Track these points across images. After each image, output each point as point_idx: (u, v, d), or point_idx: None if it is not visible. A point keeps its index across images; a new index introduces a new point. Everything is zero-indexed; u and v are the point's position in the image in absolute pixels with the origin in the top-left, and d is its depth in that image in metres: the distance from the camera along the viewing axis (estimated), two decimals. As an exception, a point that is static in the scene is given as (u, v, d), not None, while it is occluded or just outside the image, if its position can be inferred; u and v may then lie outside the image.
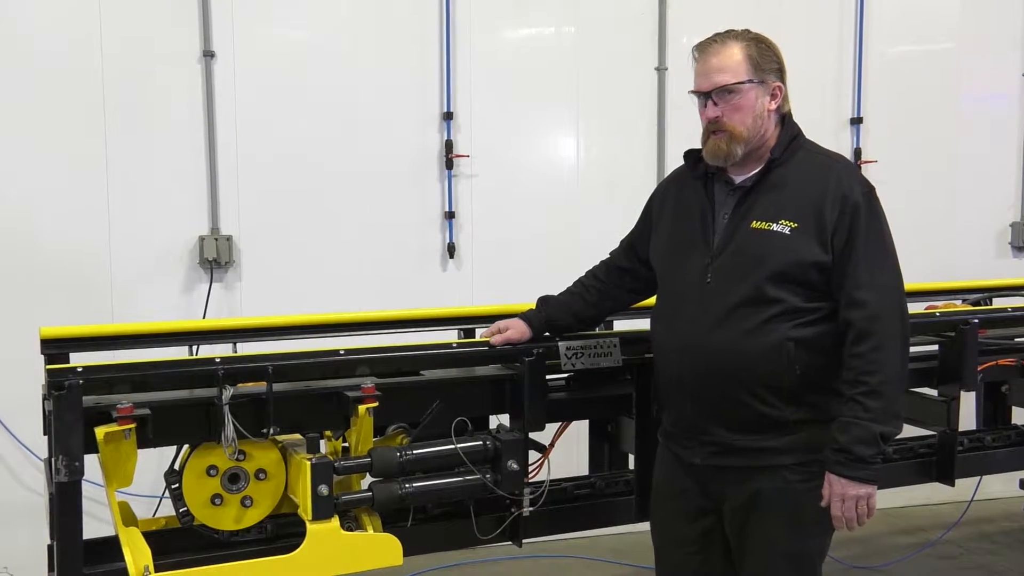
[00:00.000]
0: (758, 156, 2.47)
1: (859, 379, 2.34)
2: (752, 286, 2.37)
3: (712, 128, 2.46)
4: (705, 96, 2.46)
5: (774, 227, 2.38)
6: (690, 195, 2.56)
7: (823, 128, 5.14)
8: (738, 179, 2.48)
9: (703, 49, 2.46)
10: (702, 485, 2.55)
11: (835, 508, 2.39)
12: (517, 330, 2.80)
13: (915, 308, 3.67)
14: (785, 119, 2.51)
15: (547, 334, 2.84)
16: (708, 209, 2.49)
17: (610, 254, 2.84)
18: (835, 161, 2.47)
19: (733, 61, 2.41)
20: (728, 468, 2.49)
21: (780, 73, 2.48)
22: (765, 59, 2.44)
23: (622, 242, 2.83)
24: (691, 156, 2.58)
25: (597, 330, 3.00)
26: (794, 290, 2.37)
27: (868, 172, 5.18)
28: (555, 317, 2.81)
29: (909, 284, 3.89)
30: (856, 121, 5.18)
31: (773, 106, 2.46)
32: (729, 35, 2.46)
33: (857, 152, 5.17)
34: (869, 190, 2.42)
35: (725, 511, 2.53)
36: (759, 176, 2.45)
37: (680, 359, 2.48)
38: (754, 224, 2.40)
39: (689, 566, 2.62)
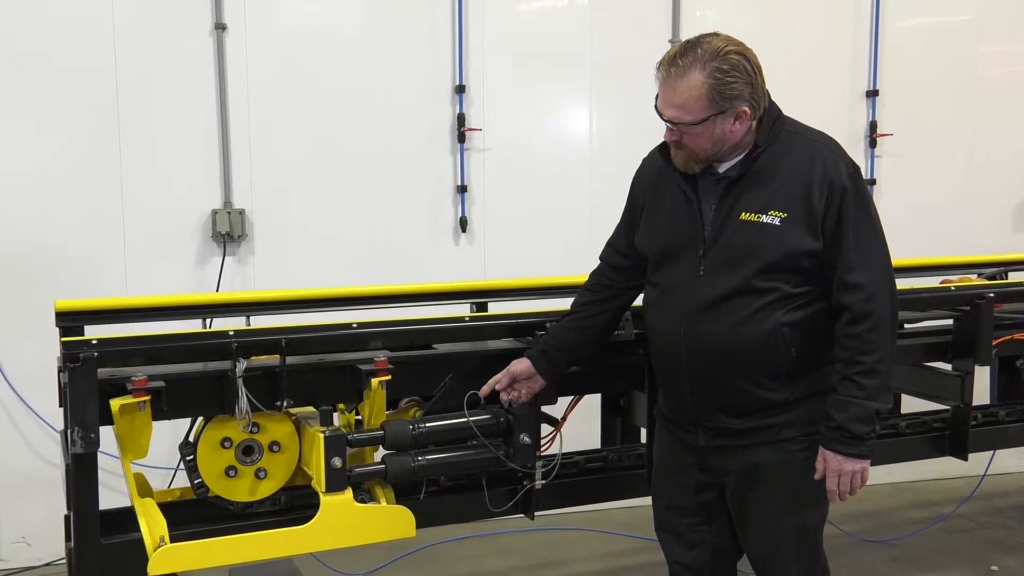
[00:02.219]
0: (740, 147, 2.42)
1: (855, 359, 2.34)
2: (744, 277, 2.37)
3: (673, 144, 2.43)
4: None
5: (764, 219, 2.36)
6: (673, 185, 2.51)
7: (837, 100, 5.10)
8: (722, 168, 2.44)
9: (664, 74, 2.34)
10: (702, 461, 2.57)
11: (831, 483, 2.41)
12: (516, 365, 2.69)
13: (930, 282, 3.67)
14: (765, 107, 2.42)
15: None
16: (694, 200, 2.46)
17: (600, 258, 2.78)
18: (819, 143, 2.42)
19: (691, 97, 2.30)
20: (729, 446, 2.51)
21: (751, 89, 2.33)
22: (729, 87, 2.30)
23: (610, 243, 2.76)
24: (665, 150, 2.50)
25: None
26: (786, 278, 2.37)
27: (883, 145, 5.15)
28: (556, 341, 2.71)
29: (924, 258, 3.91)
30: (872, 94, 5.14)
31: (738, 127, 2.36)
32: (692, 60, 2.29)
33: (872, 125, 5.13)
34: (854, 171, 2.39)
35: (727, 483, 2.55)
36: (743, 164, 2.41)
37: (676, 350, 2.48)
38: (744, 216, 2.38)
39: (693, 537, 2.65)
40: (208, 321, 2.87)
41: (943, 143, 5.26)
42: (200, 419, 2.62)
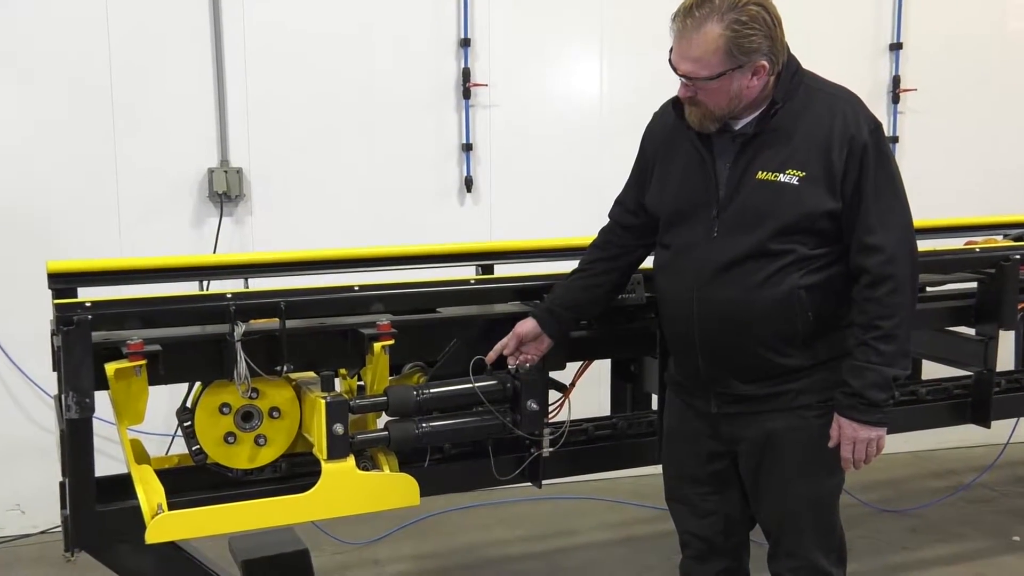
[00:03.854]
0: (757, 103, 2.40)
1: (873, 323, 2.34)
2: (760, 239, 2.36)
3: (687, 101, 2.41)
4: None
5: (781, 178, 2.35)
6: (686, 142, 2.49)
7: (860, 53, 5.06)
8: (737, 125, 2.42)
9: (679, 26, 2.32)
10: (714, 428, 2.58)
11: (845, 451, 2.42)
12: (521, 326, 2.69)
13: (954, 243, 3.66)
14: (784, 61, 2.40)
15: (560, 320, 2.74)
16: (708, 158, 2.44)
17: (609, 216, 2.77)
18: (839, 98, 2.40)
19: (707, 50, 2.27)
20: (743, 413, 2.51)
21: (770, 42, 2.31)
22: (747, 40, 2.27)
23: (619, 201, 2.75)
24: (679, 105, 2.48)
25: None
26: (803, 240, 2.36)
27: (906, 101, 5.11)
28: (562, 300, 2.70)
29: (947, 219, 3.89)
30: (895, 47, 5.09)
31: (756, 82, 2.34)
32: (709, 11, 2.27)
33: (896, 80, 5.09)
34: (876, 127, 2.37)
35: (740, 451, 2.56)
36: (760, 121, 2.39)
37: (688, 314, 2.47)
38: (760, 175, 2.37)
39: (705, 507, 2.66)
40: (205, 283, 2.88)
41: (969, 99, 5.22)
42: (198, 384, 2.63)
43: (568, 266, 2.93)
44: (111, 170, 4.23)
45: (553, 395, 2.88)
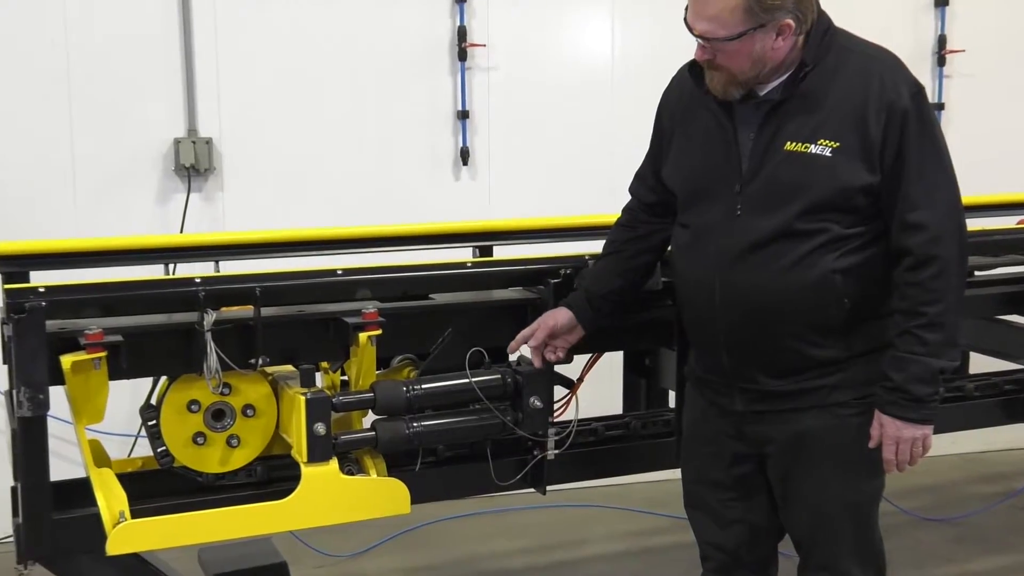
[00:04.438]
0: (784, 66, 2.39)
1: (917, 309, 2.33)
2: (789, 218, 2.35)
3: (705, 64, 2.40)
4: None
5: (812, 149, 2.34)
6: (704, 111, 2.48)
7: (900, 9, 5.04)
8: (762, 91, 2.41)
9: None
10: (739, 428, 2.58)
11: (888, 451, 2.41)
12: (551, 315, 2.69)
13: (1005, 222, 3.65)
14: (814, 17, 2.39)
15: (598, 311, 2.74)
16: (729, 128, 2.43)
17: (631, 193, 2.77)
18: (876, 59, 2.39)
19: (726, 8, 2.26)
20: (772, 411, 2.52)
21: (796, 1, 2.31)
22: None
23: (639, 176, 2.75)
24: (696, 70, 2.47)
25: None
26: (838, 218, 2.35)
27: (953, 63, 5.09)
28: (595, 285, 2.71)
29: (999, 195, 3.88)
30: (941, 3, 5.07)
31: (781, 43, 2.33)
32: None
33: (941, 40, 5.07)
34: (917, 91, 2.36)
35: (768, 454, 2.56)
36: (787, 86, 2.38)
37: (709, 302, 2.47)
38: (788, 146, 2.36)
39: (728, 515, 2.67)
40: (171, 267, 2.88)
41: (1023, 61, 5.20)
42: (163, 379, 2.63)
43: (577, 247, 2.94)
44: (66, 141, 4.23)
45: (559, 391, 2.88)
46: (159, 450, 2.59)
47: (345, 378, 2.78)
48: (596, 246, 2.83)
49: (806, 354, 2.43)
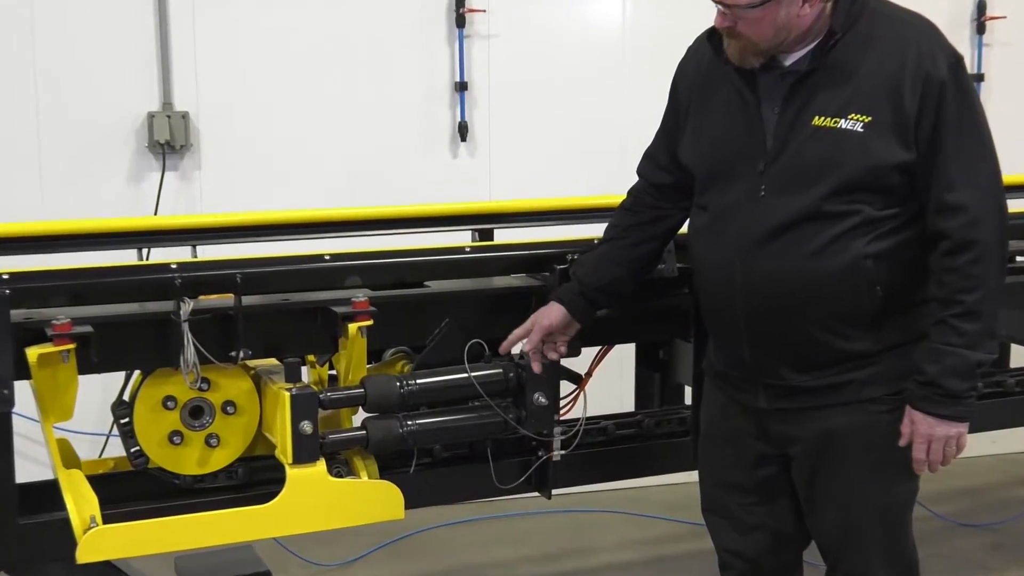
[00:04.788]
0: (810, 34, 2.39)
1: (953, 298, 2.33)
2: (817, 199, 2.35)
3: (725, 32, 2.39)
4: None
5: (842, 124, 2.34)
6: (725, 83, 2.48)
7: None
8: (787, 60, 2.41)
9: None
10: (763, 427, 2.58)
11: (919, 451, 2.41)
12: (547, 316, 2.70)
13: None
14: None
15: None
16: (752, 101, 2.43)
17: (639, 174, 2.77)
18: (911, 26, 2.39)
19: None
20: (798, 408, 2.52)
21: None
22: None
23: (649, 155, 2.75)
24: (716, 38, 2.47)
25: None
26: (869, 199, 2.35)
27: (993, 31, 5.08)
28: (593, 278, 2.71)
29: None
30: (981, -35, 5.07)
31: (808, 10, 2.33)
32: None
33: (980, 6, 5.06)
34: (956, 61, 2.35)
35: (793, 454, 2.57)
36: (815, 55, 2.38)
37: (730, 290, 2.47)
38: (816, 121, 2.36)
39: (750, 520, 2.68)
40: (145, 252, 2.88)
41: (1071, 28, 5.19)
42: (137, 373, 2.64)
43: (584, 231, 2.93)
44: (31, 115, 4.22)
45: (565, 387, 2.88)
46: (132, 450, 2.60)
47: (333, 373, 2.79)
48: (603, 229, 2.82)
49: (835, 347, 2.43)
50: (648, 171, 2.74)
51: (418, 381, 2.68)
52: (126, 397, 2.64)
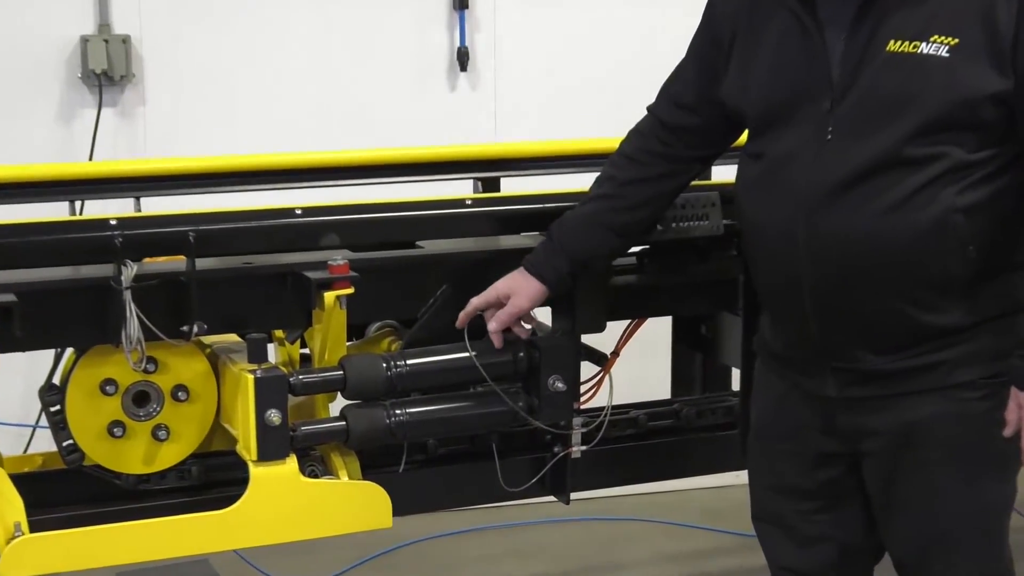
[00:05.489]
0: None
1: None
2: (896, 141, 2.35)
3: None
4: None
5: (923, 48, 2.33)
6: (779, 7, 2.48)
7: None
8: None
9: None
10: (828, 419, 2.58)
11: None
12: (524, 294, 2.71)
13: None
14: None
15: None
16: (813, 27, 2.43)
17: (652, 113, 2.76)
18: None
19: None
20: (874, 397, 2.52)
21: None
22: None
23: (669, 92, 2.75)
24: None
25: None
26: (959, 139, 2.35)
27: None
28: (582, 247, 2.72)
29: None
30: None
31: None
32: None
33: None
34: None
35: (866, 452, 2.57)
36: None
37: (790, 254, 2.46)
38: (891, 46, 2.35)
39: (810, 531, 2.68)
40: (79, 205, 2.88)
41: None
42: (70, 352, 2.65)
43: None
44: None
45: (587, 369, 2.89)
46: (65, 444, 2.61)
47: (306, 351, 2.80)
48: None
49: (919, 321, 2.43)
50: (665, 111, 2.73)
51: (409, 362, 2.68)
52: (56, 381, 2.64)
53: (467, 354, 2.70)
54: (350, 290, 2.60)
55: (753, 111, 2.56)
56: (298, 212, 2.74)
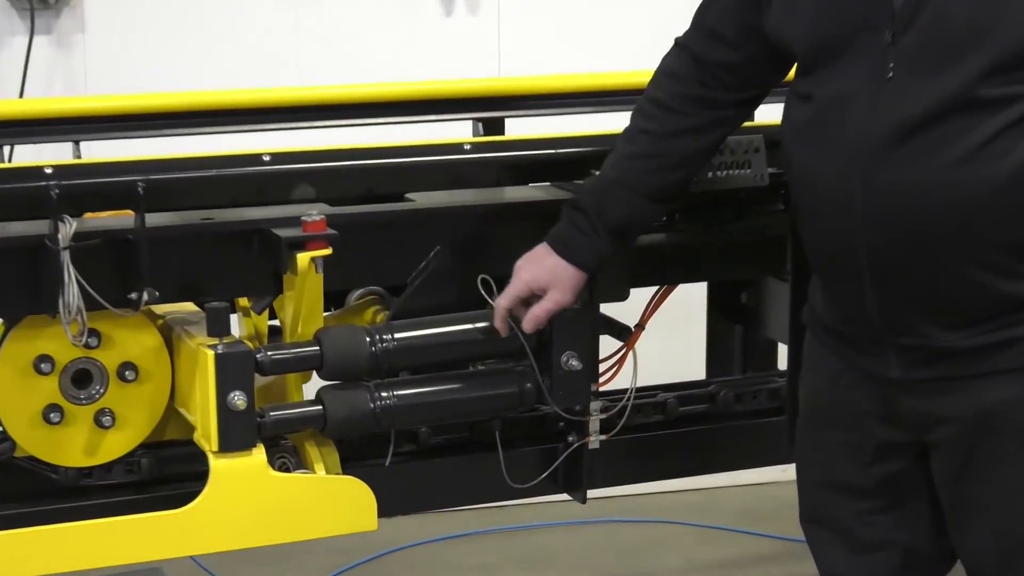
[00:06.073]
0: None
1: None
2: (969, 78, 2.33)
3: None
4: None
5: None
6: None
7: None
8: None
9: None
10: (890, 405, 2.59)
11: None
12: (565, 286, 2.69)
13: None
14: None
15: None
16: None
17: (681, 46, 2.76)
18: None
19: None
20: (945, 379, 2.52)
21: None
22: None
23: (704, 24, 2.73)
24: None
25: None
26: None
27: None
28: (621, 221, 2.71)
29: None
30: None
31: None
32: None
33: None
34: None
35: (935, 443, 2.57)
36: None
37: (847, 214, 2.46)
38: None
39: (869, 535, 2.69)
40: (7, 150, 2.88)
41: None
42: (-3, 322, 2.66)
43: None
44: None
45: (608, 345, 2.89)
46: (-8, 432, 2.62)
47: (276, 323, 2.80)
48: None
49: (997, 290, 2.43)
50: (701, 45, 2.72)
51: (397, 335, 2.69)
52: (-19, 357, 2.65)
53: (467, 326, 2.71)
54: (327, 251, 2.59)
55: (801, 45, 2.56)
56: (266, 159, 2.74)
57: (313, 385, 2.75)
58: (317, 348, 2.65)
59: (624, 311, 2.93)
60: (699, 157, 2.77)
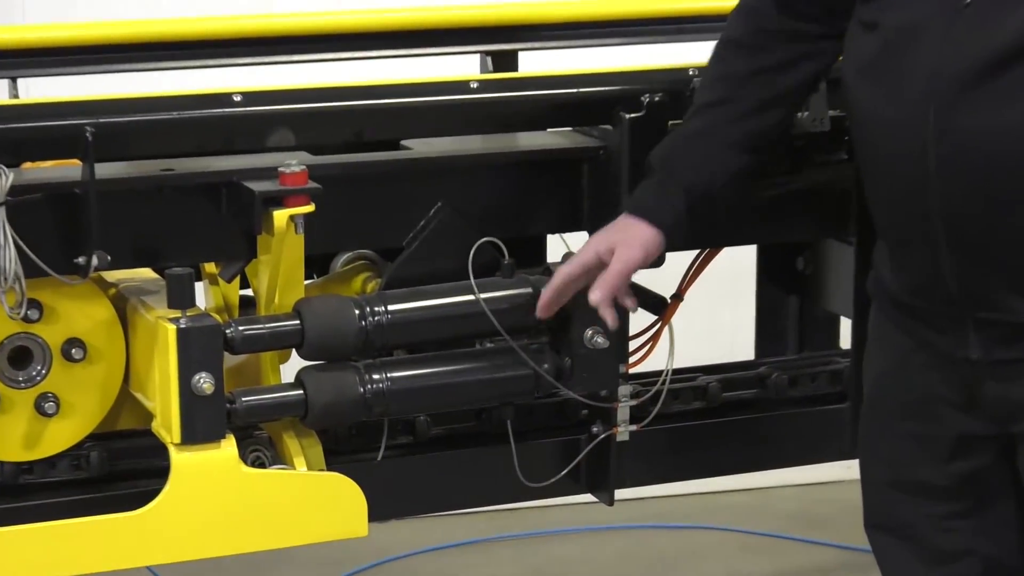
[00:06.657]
0: None
1: None
2: None
3: None
4: None
5: None
6: None
7: None
8: None
9: None
10: (971, 390, 2.59)
11: None
12: (634, 242, 2.67)
13: None
14: None
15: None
16: None
17: (741, 14, 2.78)
18: None
19: None
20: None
21: None
22: None
23: None
24: None
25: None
26: None
27: None
28: (699, 176, 2.72)
29: None
30: None
31: None
32: None
33: None
34: None
35: (1020, 436, 2.57)
36: None
37: (916, 162, 2.46)
38: None
39: (947, 542, 2.70)
40: (-67, 89, 2.89)
41: None
42: (-79, 293, 2.66)
43: (672, 52, 2.92)
44: None
45: (640, 319, 2.90)
46: (-85, 421, 2.64)
47: (249, 293, 2.81)
48: (708, 51, 2.81)
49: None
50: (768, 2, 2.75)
51: (391, 308, 2.70)
52: (-96, 333, 2.66)
53: (472, 297, 2.72)
54: (309, 207, 2.60)
55: None
56: (237, 99, 2.73)
57: (293, 366, 2.76)
58: (297, 322, 2.65)
59: (659, 279, 2.92)
60: (790, 98, 2.77)
